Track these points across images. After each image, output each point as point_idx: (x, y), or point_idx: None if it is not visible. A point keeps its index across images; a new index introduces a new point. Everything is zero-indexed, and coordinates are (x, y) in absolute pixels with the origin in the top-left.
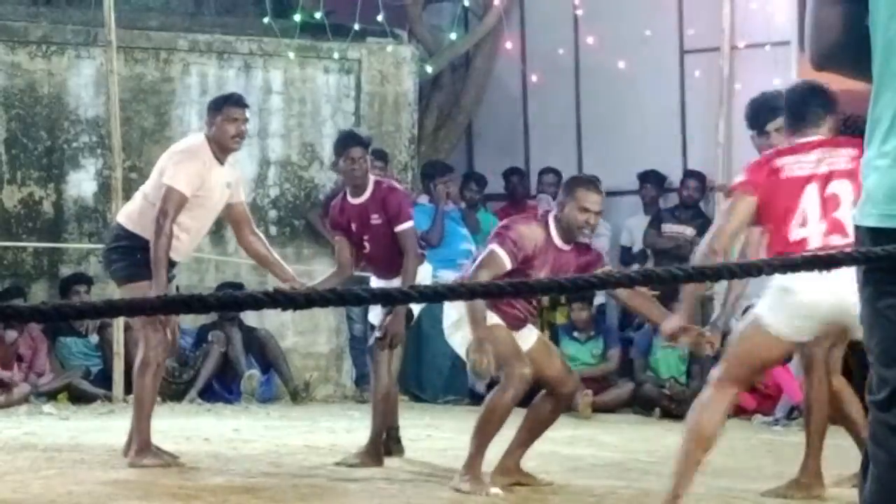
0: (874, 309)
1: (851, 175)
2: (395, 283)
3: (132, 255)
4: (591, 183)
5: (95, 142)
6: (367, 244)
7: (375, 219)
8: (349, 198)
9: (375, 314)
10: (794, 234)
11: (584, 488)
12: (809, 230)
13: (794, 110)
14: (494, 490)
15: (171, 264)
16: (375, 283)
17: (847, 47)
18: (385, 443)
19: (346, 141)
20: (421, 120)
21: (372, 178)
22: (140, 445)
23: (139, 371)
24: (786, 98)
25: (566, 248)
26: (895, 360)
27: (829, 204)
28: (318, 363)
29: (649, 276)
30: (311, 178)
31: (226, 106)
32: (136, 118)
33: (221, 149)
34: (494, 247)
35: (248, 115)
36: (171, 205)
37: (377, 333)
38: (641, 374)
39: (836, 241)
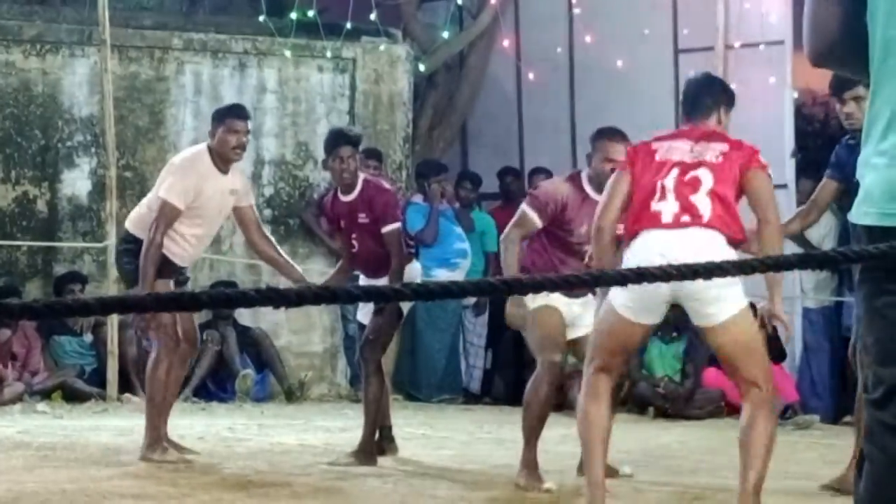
0: (871, 307)
1: (716, 168)
2: (382, 282)
3: (138, 258)
4: (616, 133)
5: (90, 140)
6: (354, 243)
7: (362, 218)
8: (339, 195)
9: (364, 313)
10: (652, 206)
11: (575, 488)
12: (664, 206)
13: (687, 98)
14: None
15: (178, 268)
16: (364, 282)
17: (844, 44)
18: (378, 442)
19: (336, 140)
20: (415, 119)
21: (361, 177)
22: (150, 440)
23: (151, 367)
24: (684, 87)
25: None
26: (892, 358)
27: (686, 186)
28: (313, 362)
29: (643, 275)
30: (306, 177)
31: (228, 117)
32: (130, 117)
33: (222, 159)
34: (524, 206)
35: (249, 126)
36: (163, 217)
37: (368, 335)
38: (636, 373)
39: (686, 219)
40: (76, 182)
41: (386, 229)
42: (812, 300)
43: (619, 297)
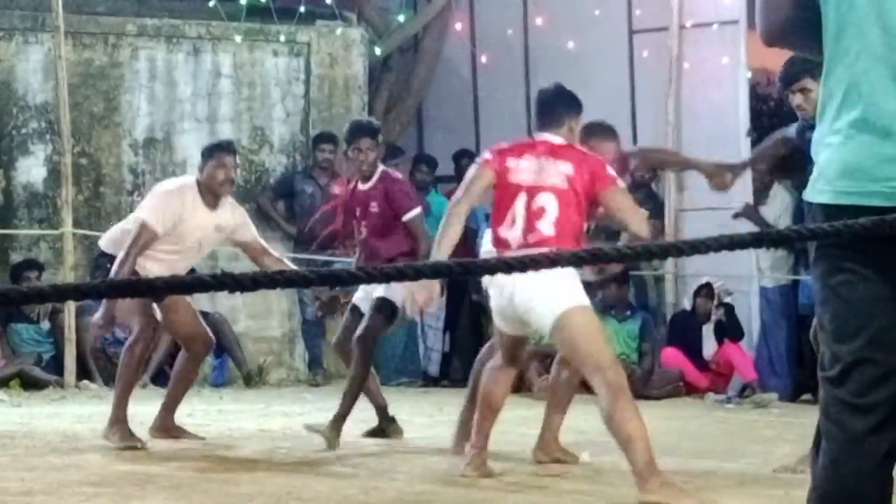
0: (826, 285)
1: (560, 193)
2: None
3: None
4: (608, 131)
5: (44, 127)
6: (363, 230)
7: (374, 207)
8: (360, 184)
9: (362, 298)
10: (502, 233)
11: (535, 470)
12: (513, 234)
13: (541, 109)
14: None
15: None
16: None
17: (798, 24)
18: (380, 425)
19: (356, 131)
20: (371, 102)
21: (380, 168)
22: (112, 420)
23: (127, 348)
24: (536, 98)
25: None
26: (847, 336)
27: (534, 215)
28: (271, 347)
29: (597, 255)
30: (262, 162)
31: (216, 152)
32: (84, 103)
33: (211, 193)
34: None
35: (237, 160)
36: (140, 238)
37: (366, 328)
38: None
39: (530, 241)
40: (31, 169)
41: (408, 216)
42: (769, 279)
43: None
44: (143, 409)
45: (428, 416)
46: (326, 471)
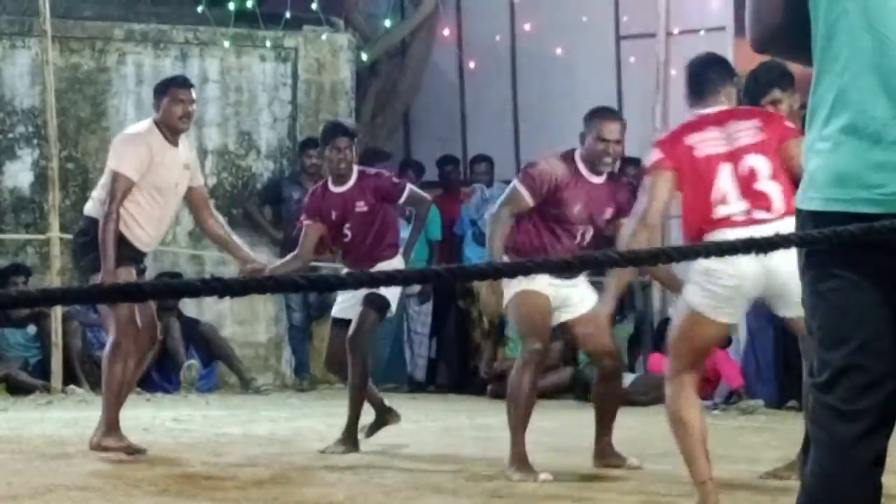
0: (815, 291)
1: (760, 147)
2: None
3: (96, 246)
4: (609, 112)
5: (31, 132)
6: (347, 232)
7: (360, 206)
8: (331, 186)
9: (343, 308)
10: (717, 212)
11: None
12: (732, 208)
13: (694, 82)
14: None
15: (139, 255)
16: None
17: (787, 30)
18: (380, 418)
19: (333, 130)
20: (358, 108)
21: (356, 168)
22: (105, 427)
23: (108, 354)
24: (686, 71)
25: (597, 180)
26: (837, 342)
27: (746, 180)
28: (258, 352)
29: (586, 260)
30: (249, 167)
31: (170, 87)
32: (72, 108)
33: (171, 130)
34: (516, 183)
35: (193, 95)
36: (118, 190)
37: (359, 326)
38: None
39: (761, 215)
40: (18, 174)
41: (403, 195)
42: None
43: (697, 296)
44: (129, 413)
45: (414, 423)
46: (313, 477)
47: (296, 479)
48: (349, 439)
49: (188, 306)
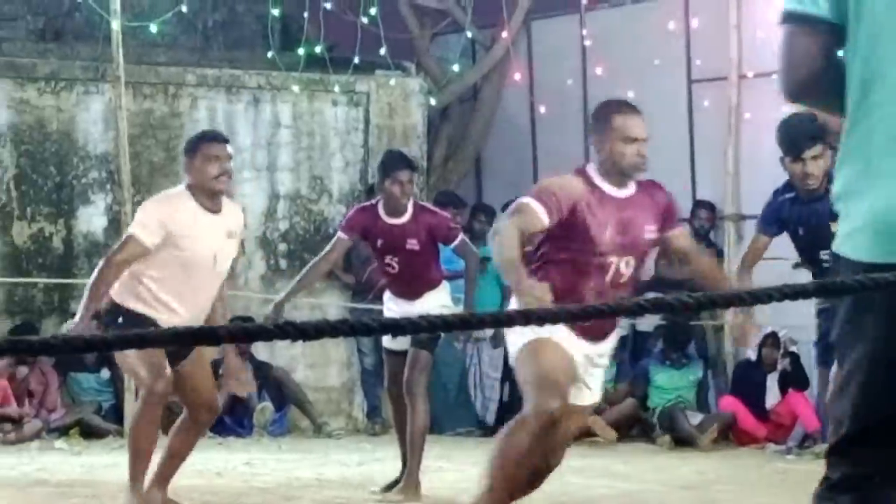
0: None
1: None
2: (418, 304)
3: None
4: (624, 105)
5: (104, 177)
6: (395, 265)
7: (412, 244)
8: (383, 215)
9: (392, 339)
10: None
11: None
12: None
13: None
14: None
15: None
16: (394, 303)
17: (821, 79)
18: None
19: (396, 162)
20: (430, 151)
21: (411, 202)
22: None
23: (135, 417)
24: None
25: (624, 193)
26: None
27: None
28: (330, 396)
29: (661, 304)
30: (321, 212)
31: (201, 144)
32: (144, 153)
33: (207, 194)
34: (527, 199)
35: (230, 150)
36: (122, 251)
37: (414, 367)
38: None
39: None
40: (91, 218)
41: (456, 241)
42: None
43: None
44: (202, 457)
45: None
46: None
47: None
48: (412, 487)
49: (260, 351)
